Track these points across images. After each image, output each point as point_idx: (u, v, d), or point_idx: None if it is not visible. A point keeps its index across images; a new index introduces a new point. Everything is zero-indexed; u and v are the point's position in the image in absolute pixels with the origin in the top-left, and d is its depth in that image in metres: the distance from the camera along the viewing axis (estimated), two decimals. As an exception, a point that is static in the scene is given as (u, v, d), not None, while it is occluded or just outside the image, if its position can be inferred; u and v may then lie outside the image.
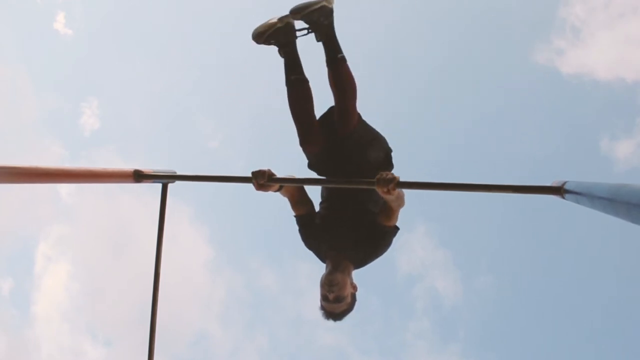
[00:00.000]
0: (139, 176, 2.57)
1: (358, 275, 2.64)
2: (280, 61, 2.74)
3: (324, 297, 2.51)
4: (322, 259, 2.69)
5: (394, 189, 2.26)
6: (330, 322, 2.59)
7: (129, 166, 2.58)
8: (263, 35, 2.68)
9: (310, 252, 2.77)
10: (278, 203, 2.72)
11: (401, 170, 2.31)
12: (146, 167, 2.63)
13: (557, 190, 2.00)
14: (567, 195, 1.94)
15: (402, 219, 2.62)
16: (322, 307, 2.55)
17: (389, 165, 2.76)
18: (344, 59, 2.65)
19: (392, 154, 2.78)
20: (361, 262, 2.64)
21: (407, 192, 2.53)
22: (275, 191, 2.57)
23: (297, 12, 2.61)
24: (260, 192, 2.47)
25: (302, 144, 2.71)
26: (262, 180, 2.41)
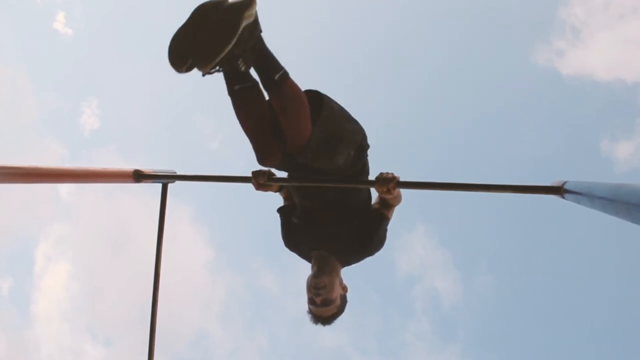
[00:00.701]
0: (139, 176, 2.56)
1: (357, 276, 2.59)
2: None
3: (311, 301, 2.38)
4: (307, 259, 2.54)
5: (394, 189, 2.26)
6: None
7: (129, 166, 2.57)
8: (212, 62, 1.88)
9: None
10: (278, 203, 2.72)
11: (401, 170, 2.28)
12: (146, 167, 2.63)
13: (557, 190, 2.01)
14: (567, 195, 1.94)
15: (402, 219, 2.60)
16: (310, 311, 2.42)
17: (363, 155, 2.42)
18: (285, 76, 2.08)
19: (367, 138, 2.39)
20: (350, 260, 2.49)
21: (407, 192, 2.52)
22: (275, 191, 2.56)
23: (206, 64, 1.87)
24: (260, 192, 2.46)
25: (260, 161, 2.24)
26: (262, 180, 2.39)
